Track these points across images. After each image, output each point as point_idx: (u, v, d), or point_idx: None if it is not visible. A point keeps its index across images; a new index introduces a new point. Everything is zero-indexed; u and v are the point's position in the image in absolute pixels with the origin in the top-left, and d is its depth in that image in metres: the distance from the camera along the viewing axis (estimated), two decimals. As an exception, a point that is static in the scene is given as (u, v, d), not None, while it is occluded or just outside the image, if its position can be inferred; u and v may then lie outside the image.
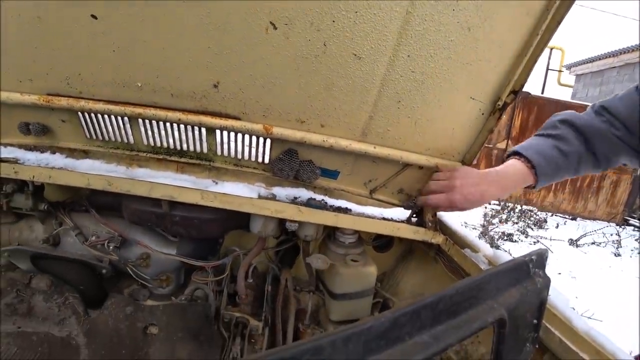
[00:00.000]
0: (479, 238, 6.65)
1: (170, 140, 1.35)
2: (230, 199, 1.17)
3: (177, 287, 1.46)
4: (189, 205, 1.20)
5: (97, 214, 1.40)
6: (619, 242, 6.95)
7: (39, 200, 1.38)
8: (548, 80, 14.25)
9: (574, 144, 1.08)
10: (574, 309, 0.94)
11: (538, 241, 6.48)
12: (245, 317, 1.27)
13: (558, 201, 9.20)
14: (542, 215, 8.35)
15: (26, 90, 1.30)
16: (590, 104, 1.18)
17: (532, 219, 7.93)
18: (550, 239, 6.72)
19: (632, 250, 6.76)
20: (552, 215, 8.84)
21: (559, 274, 5.04)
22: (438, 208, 1.27)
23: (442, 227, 1.43)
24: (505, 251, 5.84)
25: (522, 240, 6.47)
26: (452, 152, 1.25)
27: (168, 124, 1.29)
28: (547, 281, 0.83)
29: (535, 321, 0.81)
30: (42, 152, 1.51)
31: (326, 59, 1.02)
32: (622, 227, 8.50)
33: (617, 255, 6.41)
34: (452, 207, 1.17)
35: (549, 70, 14.56)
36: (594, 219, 8.91)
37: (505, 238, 6.52)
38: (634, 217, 9.00)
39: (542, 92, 14.05)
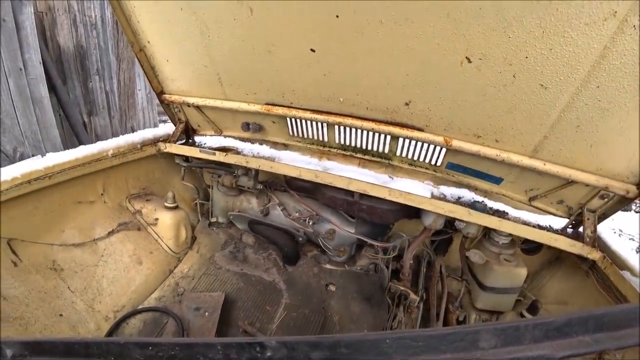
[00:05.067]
0: (637, 252, 5.83)
1: (358, 141, 1.84)
2: (412, 197, 1.60)
3: (349, 258, 2.01)
4: (373, 197, 1.69)
5: (293, 194, 2.02)
6: None
7: (257, 182, 2.06)
8: None
9: None
10: None
11: None
12: (408, 290, 1.73)
13: None
14: None
15: (251, 100, 1.93)
16: None
17: None
18: None
19: None
20: None
21: None
22: None
23: (599, 244, 1.61)
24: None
25: (697, 270, 5.56)
26: (627, 175, 1.43)
27: (359, 130, 1.78)
28: None
29: None
30: (252, 143, 2.19)
31: (513, 88, 1.33)
32: None
33: None
34: None
35: None
36: None
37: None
38: None
39: None
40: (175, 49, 1.84)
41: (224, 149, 2.13)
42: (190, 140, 2.32)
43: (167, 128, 2.33)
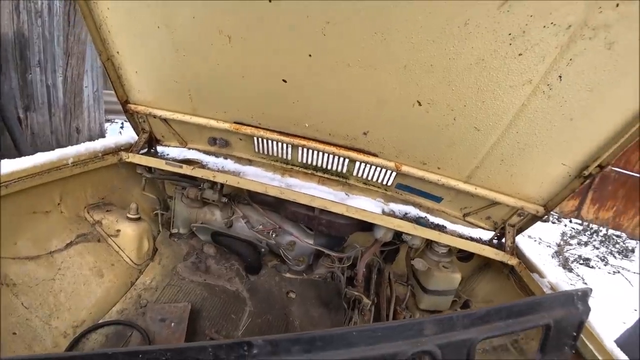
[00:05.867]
0: (552, 257, 6.74)
1: (319, 161, 2.05)
2: (366, 214, 1.84)
3: (307, 267, 2.21)
4: (332, 212, 1.90)
5: (256, 208, 2.18)
6: None
7: (221, 195, 2.18)
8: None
9: None
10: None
11: (618, 272, 6.55)
12: (361, 295, 1.97)
13: (655, 230, 8.88)
14: (631, 243, 8.20)
15: (220, 118, 2.05)
16: None
17: (617, 246, 7.85)
18: (634, 272, 6.74)
19: None
20: (644, 244, 8.61)
21: (635, 310, 5.23)
22: None
23: (517, 252, 1.99)
24: (578, 276, 6.06)
25: (599, 268, 6.57)
26: (537, 198, 1.79)
27: (321, 152, 1.99)
28: (587, 309, 1.31)
29: (574, 334, 1.30)
30: (217, 157, 2.30)
31: (453, 128, 1.62)
32: None
33: None
34: None
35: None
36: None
37: (581, 262, 6.66)
38: None
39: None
40: (146, 62, 1.90)
41: (188, 162, 2.21)
42: (152, 150, 2.36)
43: (127, 136, 2.35)
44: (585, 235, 8.01)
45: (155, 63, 1.88)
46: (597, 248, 7.55)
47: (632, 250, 7.79)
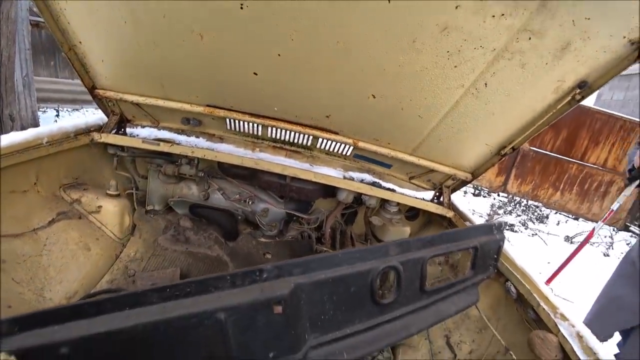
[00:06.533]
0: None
1: (287, 136, 2.38)
2: (331, 179, 2.22)
3: (279, 232, 2.55)
4: (301, 179, 2.25)
5: (231, 180, 2.46)
6: (611, 244, 8.27)
7: (197, 169, 2.42)
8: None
9: None
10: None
11: (536, 234, 7.76)
12: (330, 251, 2.36)
13: (564, 200, 10.44)
14: (546, 211, 9.63)
15: (193, 101, 2.27)
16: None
17: (535, 213, 9.20)
18: (548, 234, 8.02)
19: (621, 253, 8.05)
20: (556, 213, 10.13)
21: (549, 263, 6.32)
22: None
23: (453, 207, 2.51)
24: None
25: (521, 232, 7.72)
26: (466, 168, 2.31)
27: (289, 130, 2.32)
28: (502, 237, 1.86)
29: (495, 256, 1.88)
30: (188, 135, 2.52)
31: (401, 115, 2.01)
32: (619, 232, 9.80)
33: (606, 255, 7.71)
34: None
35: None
36: (597, 222, 10.19)
37: (507, 228, 7.77)
38: (635, 224, 10.30)
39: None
40: (113, 52, 1.99)
41: (161, 141, 2.40)
42: (121, 131, 2.50)
43: (96, 117, 2.45)
44: (510, 205, 9.26)
45: (123, 54, 1.96)
46: (519, 215, 8.80)
47: (547, 217, 9.18)
